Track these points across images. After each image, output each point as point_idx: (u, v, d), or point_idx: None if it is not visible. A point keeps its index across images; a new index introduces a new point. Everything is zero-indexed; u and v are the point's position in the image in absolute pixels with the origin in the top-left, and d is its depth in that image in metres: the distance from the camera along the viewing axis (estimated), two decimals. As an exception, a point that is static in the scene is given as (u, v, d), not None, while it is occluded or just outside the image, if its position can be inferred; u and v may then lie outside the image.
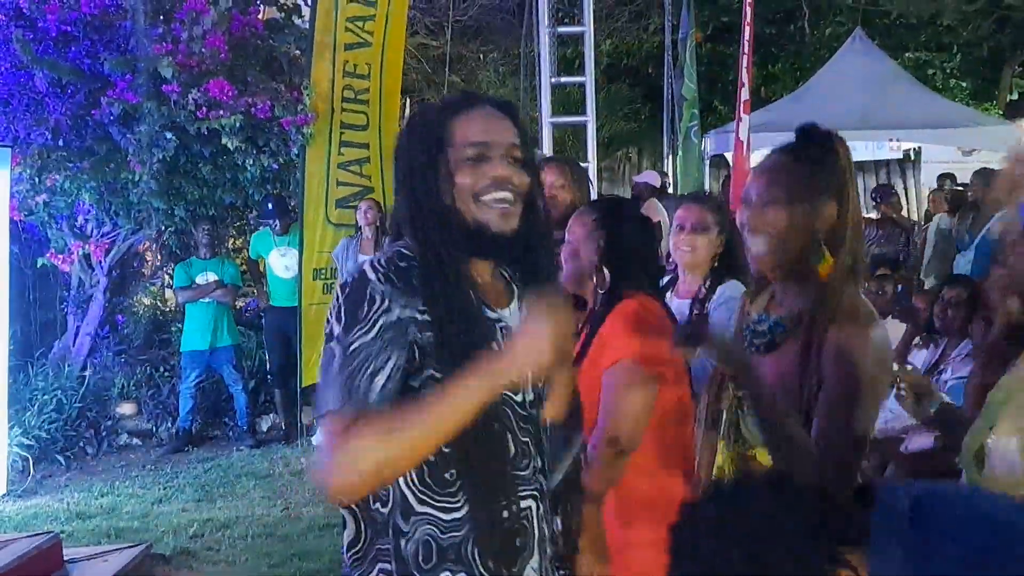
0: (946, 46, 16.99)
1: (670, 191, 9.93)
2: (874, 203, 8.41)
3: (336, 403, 1.44)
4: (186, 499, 5.55)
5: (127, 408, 6.92)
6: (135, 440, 6.82)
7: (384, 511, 1.53)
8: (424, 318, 1.50)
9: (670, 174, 11.64)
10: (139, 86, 6.33)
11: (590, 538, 1.91)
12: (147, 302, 7.88)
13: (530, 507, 1.60)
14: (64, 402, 6.45)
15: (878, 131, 10.53)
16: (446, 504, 1.52)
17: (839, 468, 1.68)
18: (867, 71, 11.08)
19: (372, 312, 1.48)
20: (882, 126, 10.39)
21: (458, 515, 1.52)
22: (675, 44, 11.50)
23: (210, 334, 6.69)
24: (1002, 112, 15.67)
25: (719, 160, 11.78)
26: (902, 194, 10.65)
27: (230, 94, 6.30)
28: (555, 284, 1.74)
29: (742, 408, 1.89)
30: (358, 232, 6.59)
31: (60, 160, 6.47)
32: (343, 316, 1.50)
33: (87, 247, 6.96)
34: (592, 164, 6.58)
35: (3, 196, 5.57)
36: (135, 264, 7.53)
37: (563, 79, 7.04)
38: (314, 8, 6.66)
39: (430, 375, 1.49)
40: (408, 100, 11.28)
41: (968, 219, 6.91)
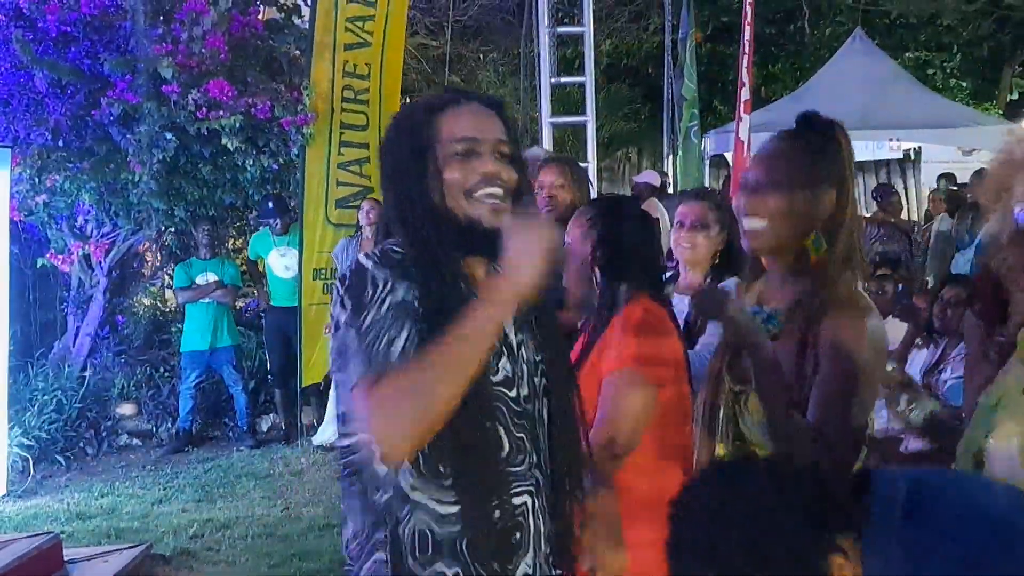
0: (946, 46, 16.99)
1: (670, 191, 9.93)
2: (876, 202, 8.41)
3: (360, 372, 1.45)
4: (186, 499, 5.55)
5: (127, 408, 6.92)
6: (135, 440, 6.82)
7: (382, 499, 1.53)
8: (421, 310, 1.51)
9: (670, 174, 11.63)
10: (139, 86, 6.33)
11: (604, 525, 1.86)
12: (147, 302, 7.88)
13: (525, 503, 1.59)
14: (64, 402, 6.44)
15: (878, 131, 10.53)
16: (440, 497, 1.52)
17: (836, 458, 1.67)
18: (867, 71, 11.09)
19: (377, 294, 1.49)
20: (882, 126, 10.39)
21: (452, 510, 1.52)
22: (675, 44, 11.50)
23: (210, 334, 6.68)
24: (1002, 112, 15.68)
25: (719, 160, 11.79)
26: (902, 194, 10.64)
27: (230, 94, 6.30)
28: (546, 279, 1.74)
29: (740, 404, 1.88)
30: (358, 232, 6.59)
31: (60, 160, 6.47)
32: (348, 304, 1.50)
33: (87, 247, 6.96)
34: (592, 164, 6.57)
35: (3, 196, 5.56)
36: (135, 264, 7.53)
37: (563, 79, 7.03)
38: (314, 8, 6.66)
39: None
40: (408, 100, 11.26)
41: (968, 219, 6.91)
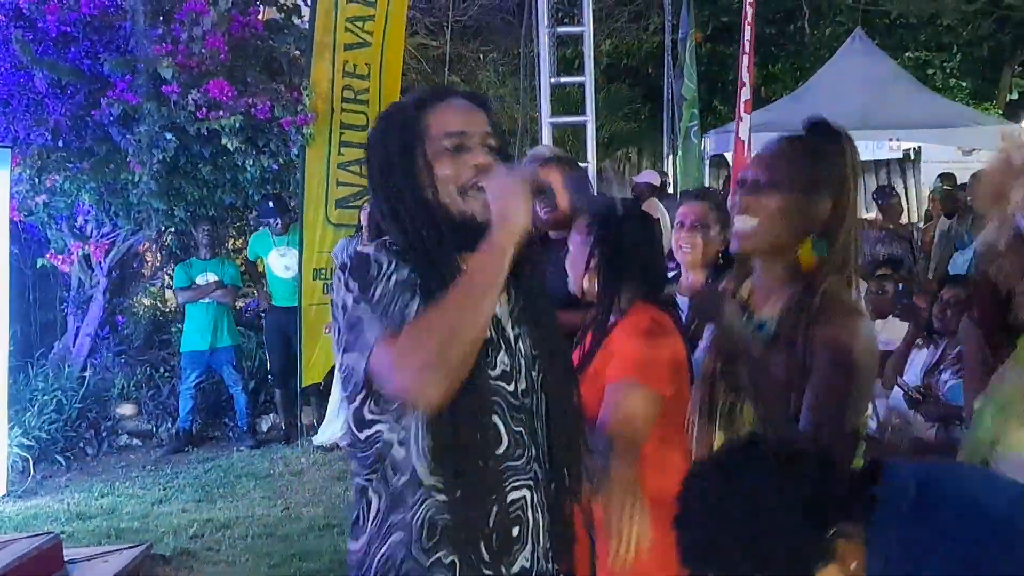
0: (946, 46, 16.99)
1: (670, 191, 9.93)
2: (876, 205, 8.40)
3: (377, 333, 1.46)
4: (186, 499, 5.54)
5: (127, 408, 6.91)
6: (135, 440, 6.81)
7: (399, 482, 1.54)
8: (424, 293, 1.52)
9: (670, 174, 11.63)
10: (139, 87, 6.33)
11: (622, 494, 1.81)
12: (147, 303, 7.87)
13: (524, 497, 1.60)
14: (64, 402, 6.44)
15: (878, 131, 10.52)
16: (445, 486, 1.53)
17: (831, 462, 1.66)
18: (867, 71, 11.08)
19: (382, 273, 1.51)
20: (882, 126, 10.39)
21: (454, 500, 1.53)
22: (675, 44, 11.49)
23: (210, 334, 6.68)
24: (1002, 112, 15.68)
25: (719, 160, 11.79)
26: (902, 194, 10.64)
27: (230, 95, 6.29)
28: (542, 272, 1.74)
29: (734, 412, 1.86)
30: (358, 232, 6.58)
31: (60, 161, 6.46)
32: (354, 285, 1.51)
33: (87, 248, 6.96)
34: (592, 164, 6.56)
35: (3, 196, 5.56)
36: (135, 265, 7.53)
37: (563, 79, 7.00)
38: (314, 8, 6.66)
39: None
40: (407, 100, 11.25)
41: (968, 219, 6.91)
